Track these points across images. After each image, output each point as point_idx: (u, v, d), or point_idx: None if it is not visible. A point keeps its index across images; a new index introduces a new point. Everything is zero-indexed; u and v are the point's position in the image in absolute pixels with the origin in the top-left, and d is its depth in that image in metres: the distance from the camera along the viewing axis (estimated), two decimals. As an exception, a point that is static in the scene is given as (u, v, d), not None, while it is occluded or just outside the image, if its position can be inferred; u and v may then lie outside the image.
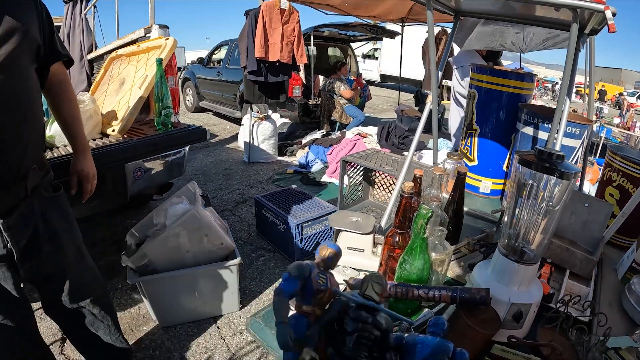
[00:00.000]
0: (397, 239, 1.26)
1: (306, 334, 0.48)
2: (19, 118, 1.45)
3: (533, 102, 8.31)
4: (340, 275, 1.40)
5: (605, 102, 16.41)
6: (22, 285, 1.68)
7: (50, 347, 2.55)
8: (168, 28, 3.28)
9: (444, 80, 11.06)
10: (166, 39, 2.98)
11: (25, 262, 1.59)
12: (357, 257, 1.53)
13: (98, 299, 1.94)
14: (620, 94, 20.38)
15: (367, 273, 1.44)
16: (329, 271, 0.56)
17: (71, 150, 2.33)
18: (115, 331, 2.07)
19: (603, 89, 21.72)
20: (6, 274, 1.55)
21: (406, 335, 0.56)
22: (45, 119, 2.59)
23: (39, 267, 1.64)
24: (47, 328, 2.67)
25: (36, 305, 1.91)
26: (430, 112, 2.27)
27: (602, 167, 2.09)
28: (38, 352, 1.83)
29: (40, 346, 1.86)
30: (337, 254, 0.54)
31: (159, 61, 2.69)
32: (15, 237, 1.52)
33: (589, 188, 4.38)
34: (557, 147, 1.98)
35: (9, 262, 1.55)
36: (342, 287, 1.34)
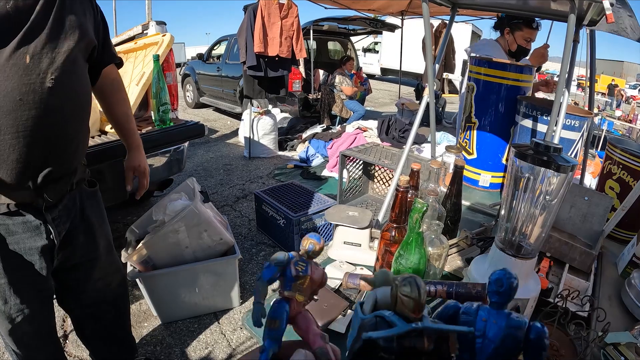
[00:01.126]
0: (393, 233, 1.25)
1: (283, 316, 0.51)
2: (77, 116, 1.49)
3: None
4: (337, 270, 1.40)
5: (616, 96, 16.32)
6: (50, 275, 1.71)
7: (52, 344, 2.56)
8: (165, 24, 3.27)
9: (444, 73, 11.04)
10: (163, 35, 2.97)
11: (59, 251, 1.62)
12: (353, 251, 1.52)
13: (118, 293, 2.01)
14: (615, 85, 20.20)
15: (364, 267, 1.44)
16: (312, 260, 0.57)
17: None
18: (127, 326, 2.15)
19: (613, 83, 21.51)
20: (44, 264, 1.57)
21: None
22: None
23: (70, 255, 1.68)
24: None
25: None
26: (428, 104, 2.26)
27: (602, 160, 2.08)
28: (56, 346, 1.86)
29: (57, 341, 1.88)
30: (318, 244, 0.55)
31: (156, 57, 2.68)
32: (59, 228, 1.57)
33: (590, 181, 4.36)
34: (556, 140, 1.97)
35: (49, 253, 1.58)
36: (337, 283, 1.33)
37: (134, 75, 2.94)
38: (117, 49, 3.43)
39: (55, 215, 1.54)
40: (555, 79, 3.30)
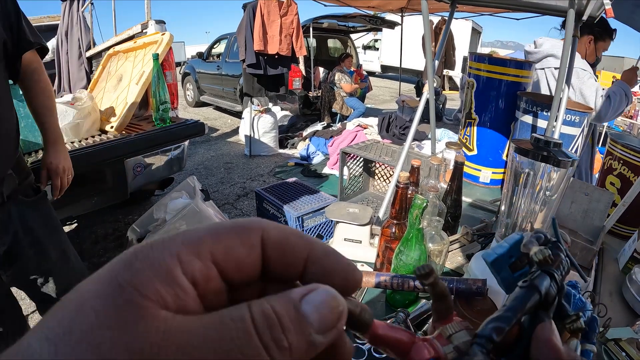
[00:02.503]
0: (393, 229, 1.25)
1: None
2: None
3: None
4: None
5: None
6: (8, 289, 1.68)
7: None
8: (164, 23, 3.27)
9: (444, 70, 11.02)
10: (162, 34, 2.97)
11: (8, 268, 1.57)
12: (354, 248, 1.52)
13: None
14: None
15: (364, 264, 1.44)
16: None
17: (70, 148, 2.33)
18: None
19: (615, 79, 21.40)
20: None
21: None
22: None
23: (21, 271, 1.62)
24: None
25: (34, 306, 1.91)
26: (428, 101, 2.26)
27: (603, 156, 2.07)
28: None
29: None
30: None
31: (155, 56, 2.67)
32: None
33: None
34: (556, 136, 1.97)
35: None
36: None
37: (134, 75, 2.94)
38: (117, 48, 3.44)
39: None
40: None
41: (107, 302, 0.21)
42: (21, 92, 2.35)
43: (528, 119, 2.17)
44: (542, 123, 2.09)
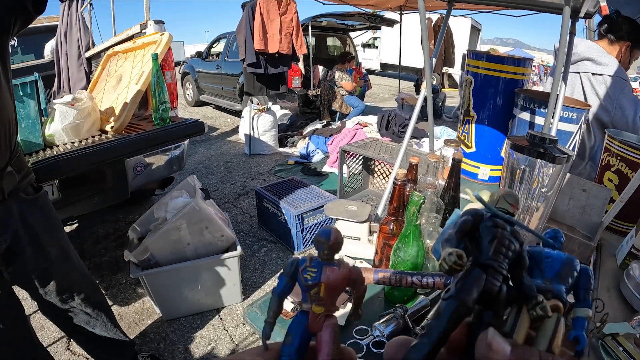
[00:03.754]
0: (392, 226, 1.26)
1: (297, 330, 0.45)
2: None
3: (534, 88, 8.24)
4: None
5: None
6: (10, 288, 1.69)
7: (57, 343, 2.58)
8: (163, 23, 3.27)
9: (444, 68, 11.02)
10: (161, 34, 2.98)
11: (8, 266, 1.58)
12: (353, 245, 1.53)
13: (89, 298, 1.92)
14: None
15: (363, 261, 1.45)
16: (330, 261, 0.50)
17: (71, 148, 2.35)
18: (112, 327, 2.07)
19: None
20: None
21: (530, 247, 0.51)
22: (44, 118, 2.60)
23: (22, 269, 1.64)
24: (53, 325, 2.70)
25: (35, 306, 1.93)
26: (425, 98, 2.27)
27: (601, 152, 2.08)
28: (32, 352, 1.84)
29: (34, 346, 1.86)
30: (327, 241, 0.48)
31: (155, 56, 2.68)
32: None
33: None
34: (553, 132, 1.98)
35: None
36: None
37: (133, 75, 2.95)
38: (116, 48, 3.45)
39: None
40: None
41: None
42: (21, 93, 2.38)
43: (526, 116, 2.18)
44: (539, 120, 2.10)
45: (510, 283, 0.38)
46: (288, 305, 1.21)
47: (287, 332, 0.44)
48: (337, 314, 1.16)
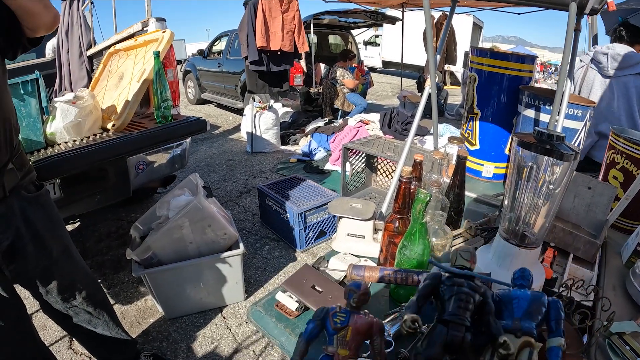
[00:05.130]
0: (397, 224, 1.25)
1: None
2: None
3: (537, 85, 8.22)
4: (341, 262, 1.40)
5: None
6: (11, 286, 1.68)
7: (59, 342, 2.57)
8: (165, 21, 3.26)
9: (446, 65, 10.99)
10: (163, 32, 2.97)
11: (10, 263, 1.58)
12: (357, 243, 1.52)
13: (91, 296, 1.91)
14: None
15: (368, 259, 1.44)
16: (357, 310, 0.53)
17: (72, 147, 2.34)
18: (114, 326, 2.06)
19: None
20: None
21: (498, 292, 0.54)
22: (45, 116, 2.60)
23: (24, 267, 1.63)
24: (55, 324, 2.70)
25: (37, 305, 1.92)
26: (430, 96, 2.25)
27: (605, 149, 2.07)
28: (34, 351, 1.84)
29: (36, 344, 1.85)
30: (357, 291, 0.51)
31: (157, 54, 2.67)
32: None
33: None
34: (559, 129, 1.96)
35: None
36: (341, 274, 1.33)
37: (135, 72, 2.94)
38: (117, 46, 3.44)
39: None
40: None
41: None
42: (22, 92, 2.37)
43: (530, 113, 2.17)
44: (544, 117, 2.08)
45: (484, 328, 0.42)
46: (292, 304, 1.20)
47: None
48: None
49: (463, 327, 0.42)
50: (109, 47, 3.65)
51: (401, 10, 9.65)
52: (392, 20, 10.13)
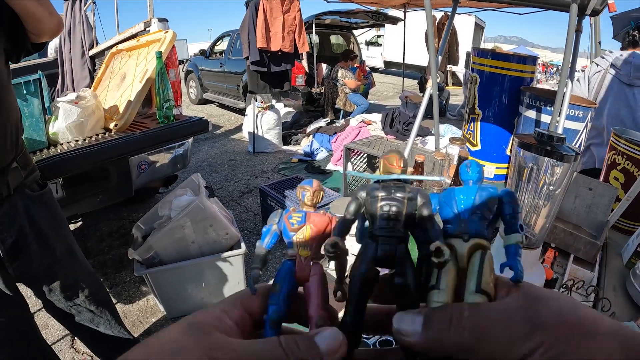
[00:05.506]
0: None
1: (284, 277, 0.45)
2: None
3: (539, 86, 8.21)
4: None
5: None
6: (15, 284, 1.69)
7: (61, 341, 2.58)
8: (167, 21, 3.27)
9: (448, 66, 10.98)
10: (165, 32, 2.97)
11: (14, 261, 1.59)
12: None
13: (93, 295, 1.92)
14: None
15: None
16: (312, 208, 0.51)
17: (75, 147, 2.35)
18: (116, 325, 2.07)
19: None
20: None
21: (440, 192, 0.48)
22: (48, 116, 2.61)
23: (28, 265, 1.64)
24: (57, 322, 2.71)
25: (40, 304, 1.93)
26: (431, 97, 2.26)
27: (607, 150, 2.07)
28: (36, 349, 1.84)
29: (38, 343, 1.86)
30: (310, 188, 0.48)
31: (159, 54, 2.68)
32: (1, 236, 1.53)
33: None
34: (560, 130, 1.97)
35: None
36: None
37: (137, 73, 2.95)
38: (120, 46, 3.45)
39: None
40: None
41: (184, 327, 0.32)
42: (25, 92, 2.38)
43: (531, 113, 2.17)
44: (545, 118, 2.09)
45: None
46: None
47: (274, 281, 0.45)
48: (341, 312, 1.15)
49: (393, 238, 0.39)
50: (111, 47, 3.66)
51: (403, 10, 9.64)
52: (394, 20, 10.13)
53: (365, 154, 2.75)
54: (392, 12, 10.42)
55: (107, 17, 4.27)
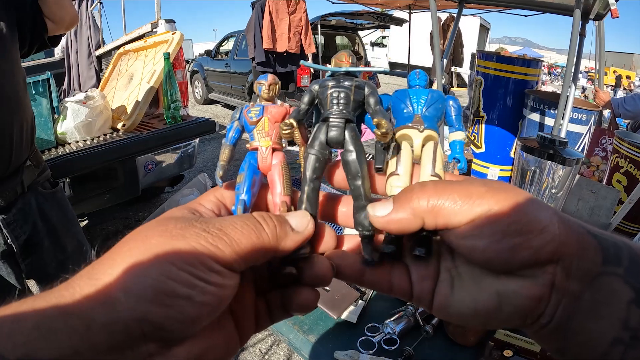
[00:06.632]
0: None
1: (247, 167, 0.47)
2: (5, 111, 1.43)
3: (544, 88, 8.21)
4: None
5: (622, 87, 16.04)
6: (24, 281, 1.72)
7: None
8: (174, 22, 3.30)
9: (452, 67, 10.99)
10: (173, 33, 3.00)
11: (26, 257, 1.62)
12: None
13: None
14: (619, 76, 19.90)
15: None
16: (272, 101, 0.53)
17: (83, 146, 2.37)
18: None
19: (616, 74, 21.25)
20: (9, 269, 1.59)
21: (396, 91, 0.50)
22: (56, 116, 2.64)
23: (40, 261, 1.67)
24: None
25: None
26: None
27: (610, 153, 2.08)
28: None
29: None
30: (265, 82, 0.50)
31: (167, 55, 2.71)
32: (15, 232, 1.55)
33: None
34: (563, 134, 1.98)
35: (11, 257, 1.58)
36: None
37: (145, 73, 2.98)
38: (127, 47, 3.48)
39: (10, 219, 1.53)
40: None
41: (173, 213, 0.37)
42: (34, 92, 2.41)
43: (535, 116, 2.18)
44: (549, 121, 2.10)
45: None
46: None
47: (239, 173, 0.47)
48: (349, 311, 1.18)
49: (341, 119, 0.42)
50: (117, 47, 3.69)
51: (408, 11, 9.65)
52: (399, 21, 10.14)
53: (371, 155, 2.77)
54: (398, 14, 10.42)
55: (114, 18, 4.31)
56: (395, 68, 19.31)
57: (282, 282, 0.41)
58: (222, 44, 10.42)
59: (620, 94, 13.31)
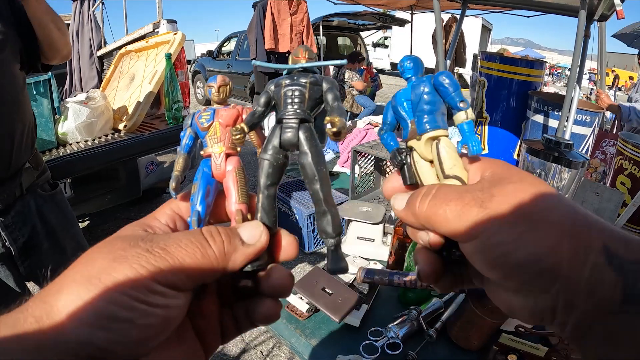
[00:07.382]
0: (406, 228, 1.26)
1: (201, 176, 0.45)
2: (6, 113, 1.43)
3: (546, 88, 8.18)
4: (351, 264, 1.41)
5: (620, 87, 16.01)
6: (24, 283, 1.71)
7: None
8: (176, 22, 3.29)
9: (455, 68, 10.97)
10: (174, 34, 3.00)
11: (25, 260, 1.61)
12: (367, 246, 1.54)
13: None
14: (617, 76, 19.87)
15: (377, 262, 1.46)
16: (221, 105, 0.50)
17: (84, 147, 2.37)
18: None
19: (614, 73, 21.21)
20: (7, 272, 1.58)
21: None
22: (57, 116, 2.63)
23: (39, 263, 1.66)
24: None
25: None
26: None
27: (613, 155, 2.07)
28: None
29: None
30: (214, 84, 0.48)
31: (168, 56, 2.70)
32: (13, 235, 1.55)
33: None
34: (567, 135, 1.97)
35: (9, 260, 1.57)
36: (351, 277, 1.35)
37: (146, 74, 2.97)
38: (129, 47, 3.47)
39: (9, 222, 1.52)
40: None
41: (124, 231, 0.37)
42: (35, 92, 2.40)
43: (539, 118, 2.17)
44: (553, 122, 2.09)
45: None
46: (303, 306, 1.22)
47: (192, 183, 0.45)
48: (352, 315, 1.16)
49: (295, 120, 0.40)
50: (119, 47, 3.68)
51: (410, 12, 9.64)
52: (401, 22, 10.13)
53: (373, 157, 2.76)
54: (400, 14, 10.41)
55: (115, 18, 4.30)
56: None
57: (244, 293, 0.40)
58: (224, 45, 10.42)
59: (620, 94, 13.28)
